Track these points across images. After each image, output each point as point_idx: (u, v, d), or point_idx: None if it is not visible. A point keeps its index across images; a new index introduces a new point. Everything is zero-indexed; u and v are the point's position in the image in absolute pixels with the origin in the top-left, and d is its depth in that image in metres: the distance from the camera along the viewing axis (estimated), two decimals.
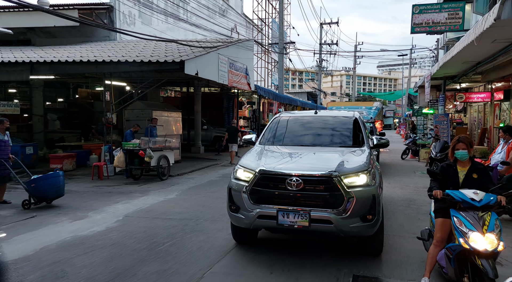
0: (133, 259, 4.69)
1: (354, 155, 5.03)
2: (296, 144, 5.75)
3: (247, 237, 5.21)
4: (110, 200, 8.02)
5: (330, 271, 4.33)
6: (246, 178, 4.67)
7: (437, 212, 3.96)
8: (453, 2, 12.84)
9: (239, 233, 5.12)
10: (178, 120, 15.01)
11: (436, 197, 3.79)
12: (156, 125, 12.29)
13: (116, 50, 13.66)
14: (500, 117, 14.28)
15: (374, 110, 20.85)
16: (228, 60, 14.46)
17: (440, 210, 3.91)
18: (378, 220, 4.46)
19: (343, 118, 6.21)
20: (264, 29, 33.64)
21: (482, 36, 7.50)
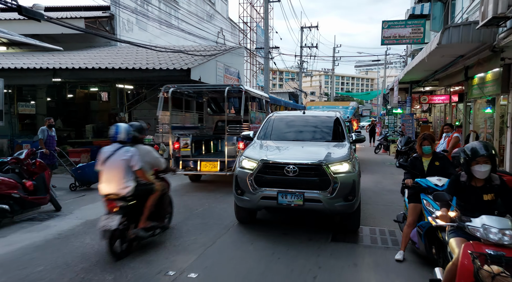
0: (182, 217, 6.65)
1: (337, 148, 6.14)
2: (289, 139, 6.87)
3: (248, 217, 6.25)
4: None
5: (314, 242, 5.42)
6: (250, 167, 5.69)
7: (410, 198, 4.82)
8: (416, 20, 15.20)
9: (241, 214, 6.21)
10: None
11: (408, 185, 4.73)
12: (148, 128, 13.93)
13: (124, 57, 15.41)
14: (457, 117, 16.75)
15: (350, 110, 23.14)
16: (224, 66, 16.43)
17: (412, 197, 4.77)
18: (357, 200, 5.59)
19: (326, 117, 7.59)
20: (249, 33, 35.56)
21: (431, 54, 9.76)
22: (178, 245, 5.22)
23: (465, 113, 15.28)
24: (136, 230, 4.79)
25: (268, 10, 26.52)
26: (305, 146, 6.39)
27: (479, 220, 3.04)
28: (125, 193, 4.67)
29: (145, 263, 4.54)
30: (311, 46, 46.50)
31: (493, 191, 3.34)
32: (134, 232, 4.76)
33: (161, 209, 5.36)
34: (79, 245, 5.20)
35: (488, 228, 2.93)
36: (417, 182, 4.60)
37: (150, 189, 5.03)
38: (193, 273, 4.26)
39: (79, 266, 4.43)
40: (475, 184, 3.39)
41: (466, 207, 3.39)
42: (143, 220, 4.89)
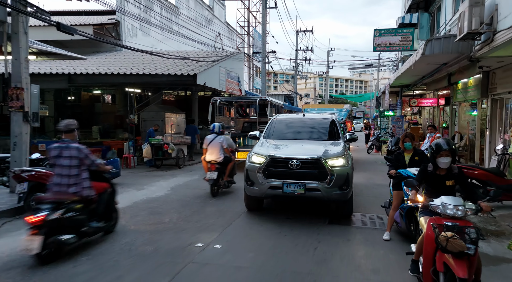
0: (197, 206, 7.64)
1: (333, 146, 7.03)
2: (291, 138, 7.72)
3: (256, 205, 7.17)
4: (152, 180, 10.84)
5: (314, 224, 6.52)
6: (259, 161, 6.57)
7: (394, 186, 5.67)
8: (405, 28, 16.32)
9: (250, 202, 7.10)
10: (183, 120, 17.81)
11: (391, 175, 5.63)
12: (157, 129, 14.83)
13: (132, 62, 16.37)
14: (444, 119, 17.90)
15: (344, 112, 24.26)
16: (226, 71, 17.43)
17: (395, 185, 5.61)
18: (351, 190, 6.50)
19: (323, 119, 8.58)
20: (246, 38, 36.60)
21: (417, 62, 10.84)
22: (200, 226, 6.21)
23: (451, 115, 16.43)
24: (223, 180, 8.80)
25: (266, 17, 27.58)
26: (305, 144, 7.28)
27: (439, 200, 3.75)
28: (219, 160, 8.63)
29: (176, 239, 5.52)
30: (306, 49, 47.63)
31: (453, 178, 4.03)
32: (223, 181, 8.82)
33: (233, 171, 9.29)
34: None
35: (446, 205, 3.64)
36: (399, 172, 5.42)
37: (230, 159, 9.00)
38: (217, 245, 5.26)
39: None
40: (439, 173, 4.06)
41: (432, 191, 4.05)
42: (226, 176, 8.92)
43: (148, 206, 7.64)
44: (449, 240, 3.29)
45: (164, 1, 25.67)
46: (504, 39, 7.24)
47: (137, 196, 8.57)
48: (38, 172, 6.78)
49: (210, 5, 33.59)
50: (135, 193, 8.89)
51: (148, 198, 8.36)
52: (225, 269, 4.50)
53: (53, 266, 4.43)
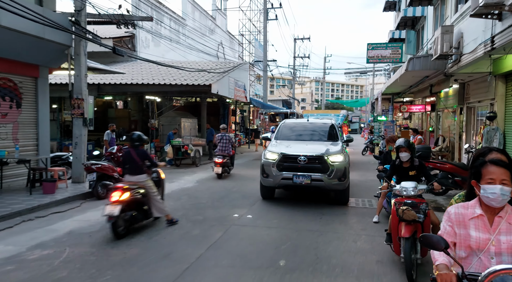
0: (225, 192, 9.53)
1: (333, 146, 8.60)
2: (298, 139, 9.23)
3: (269, 194, 8.75)
4: (178, 175, 12.69)
5: (318, 205, 9.19)
6: (273, 158, 8.14)
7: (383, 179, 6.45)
8: (395, 43, 18.36)
9: (265, 191, 8.67)
10: (196, 124, 19.73)
11: (379, 170, 6.73)
12: (176, 132, 16.72)
13: (151, 72, 18.26)
14: (430, 123, 19.90)
15: (341, 117, 26.38)
16: (234, 80, 19.37)
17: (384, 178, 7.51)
18: (347, 181, 8.05)
19: (324, 123, 10.24)
20: (247, 46, 38.64)
21: (402, 76, 12.83)
22: (232, 205, 8.11)
23: (436, 120, 18.43)
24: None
25: (267, 29, 29.62)
26: (310, 144, 8.82)
27: (399, 185, 4.85)
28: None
29: (217, 212, 7.41)
30: (304, 56, 49.70)
31: (414, 169, 5.22)
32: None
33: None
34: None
35: (403, 188, 4.73)
36: (385, 168, 6.62)
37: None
38: (249, 215, 7.18)
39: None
40: (404, 165, 5.24)
41: (400, 180, 5.10)
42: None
43: (184, 193, 9.52)
44: (404, 211, 4.35)
45: (172, 14, 27.63)
46: (468, 61, 9.22)
47: (172, 187, 10.43)
48: (102, 165, 8.66)
49: (213, 15, 35.59)
50: (170, 185, 10.74)
51: (182, 188, 10.24)
52: (259, 228, 6.42)
53: (131, 234, 6.30)
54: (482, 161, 2.23)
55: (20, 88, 9.23)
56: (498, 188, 2.09)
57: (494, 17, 7.40)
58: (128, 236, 5.81)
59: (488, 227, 2.16)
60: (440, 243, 1.99)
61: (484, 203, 2.20)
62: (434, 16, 14.23)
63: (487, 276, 1.79)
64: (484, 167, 2.19)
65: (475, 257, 2.15)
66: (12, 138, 9.07)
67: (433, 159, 11.48)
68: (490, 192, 2.10)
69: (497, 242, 2.11)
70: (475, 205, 2.24)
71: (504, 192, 2.08)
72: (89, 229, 6.20)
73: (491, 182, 2.12)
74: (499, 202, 2.11)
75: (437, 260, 2.14)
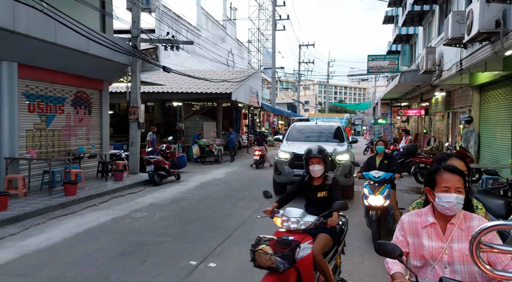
0: (251, 181, 11.89)
1: (340, 146, 9.40)
2: (307, 140, 10.02)
3: (281, 189, 9.56)
4: (207, 170, 15.06)
5: None
6: (285, 157, 9.08)
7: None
8: (392, 55, 20.73)
9: (278, 187, 9.54)
10: (215, 127, 22.13)
11: (358, 177, 6.17)
12: (201, 134, 19.06)
13: (176, 81, 20.69)
14: (424, 126, 22.23)
15: (344, 120, 28.84)
16: (249, 88, 21.78)
17: None
18: (352, 178, 8.79)
19: (331, 126, 11.23)
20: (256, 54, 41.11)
21: (396, 86, 15.18)
22: (260, 189, 10.47)
23: (428, 123, 20.76)
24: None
25: (275, 38, 32.01)
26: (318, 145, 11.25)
27: (282, 210, 3.39)
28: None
29: (251, 193, 9.76)
30: (308, 62, 52.09)
31: (326, 189, 3.65)
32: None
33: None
34: (206, 190, 10.45)
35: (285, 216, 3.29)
36: (362, 175, 6.02)
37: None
38: (274, 194, 9.53)
39: (214, 196, 9.70)
40: (314, 183, 3.73)
41: (306, 202, 3.77)
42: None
43: (220, 182, 11.90)
44: (255, 253, 2.89)
45: (189, 25, 30.13)
46: (447, 76, 11.56)
47: (208, 177, 12.83)
48: (158, 158, 11.06)
49: (223, 24, 38.09)
50: (204, 176, 13.16)
51: (215, 178, 12.63)
52: None
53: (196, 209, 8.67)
54: (436, 167, 2.14)
55: (90, 98, 11.66)
56: (453, 197, 2.01)
57: (461, 46, 9.76)
58: (193, 209, 8.20)
59: (441, 235, 2.08)
60: (394, 251, 1.92)
61: (437, 210, 2.12)
62: (423, 35, 16.60)
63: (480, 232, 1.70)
64: (439, 174, 2.10)
65: (429, 266, 2.07)
66: (86, 138, 11.49)
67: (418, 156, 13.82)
68: (446, 201, 2.03)
69: (449, 251, 2.03)
70: (427, 213, 2.17)
71: (459, 201, 2.02)
72: (163, 203, 8.58)
73: (446, 190, 2.04)
74: (454, 211, 2.04)
75: (391, 269, 2.08)
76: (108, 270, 4.59)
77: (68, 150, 10.70)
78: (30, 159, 8.81)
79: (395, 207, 6.02)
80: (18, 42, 8.11)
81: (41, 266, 4.73)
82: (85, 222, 6.87)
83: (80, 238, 5.89)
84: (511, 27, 7.05)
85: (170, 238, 5.91)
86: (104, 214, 7.43)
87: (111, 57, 10.70)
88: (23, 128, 9.19)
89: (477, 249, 1.72)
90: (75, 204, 8.18)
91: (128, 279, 4.36)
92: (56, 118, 10.34)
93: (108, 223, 6.81)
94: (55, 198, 8.25)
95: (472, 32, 7.68)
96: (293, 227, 3.21)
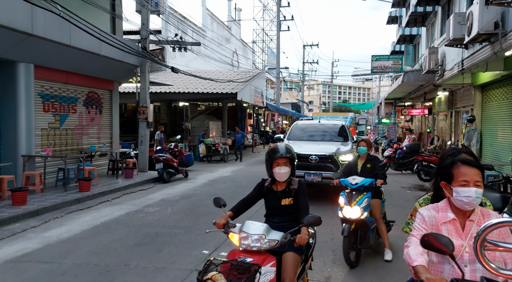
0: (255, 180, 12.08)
1: (343, 145, 8.92)
2: (310, 140, 9.64)
3: None
4: (214, 168, 15.39)
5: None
6: None
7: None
8: (396, 55, 20.94)
9: None
10: (220, 126, 22.46)
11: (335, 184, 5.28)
12: (206, 133, 19.37)
13: (183, 81, 21.04)
14: (428, 125, 22.42)
15: (349, 119, 29.06)
16: (254, 88, 22.09)
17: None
18: None
19: (335, 124, 10.79)
20: (260, 54, 41.44)
21: (400, 85, 15.42)
22: None
23: (432, 122, 20.96)
24: None
25: (279, 39, 32.29)
26: (321, 144, 9.15)
27: (239, 224, 2.87)
28: None
29: None
30: (312, 62, 52.35)
31: (291, 195, 3.10)
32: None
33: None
34: (214, 187, 10.76)
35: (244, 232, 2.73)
36: (339, 182, 5.14)
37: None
38: None
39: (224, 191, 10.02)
40: (276, 189, 3.17)
41: (267, 212, 3.23)
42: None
43: (227, 179, 12.21)
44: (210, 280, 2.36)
45: (194, 26, 30.48)
46: (449, 76, 11.81)
47: (214, 175, 13.15)
48: (166, 156, 11.39)
49: (228, 25, 38.43)
50: (211, 174, 13.48)
51: (222, 176, 12.94)
52: None
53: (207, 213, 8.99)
54: (452, 160, 2.03)
55: (101, 98, 12.01)
56: (473, 191, 1.92)
57: (462, 47, 10.02)
58: (202, 205, 8.52)
59: (460, 232, 1.98)
60: (449, 246, 1.76)
61: (454, 206, 2.03)
62: (426, 35, 16.83)
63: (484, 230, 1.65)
64: (455, 167, 2.00)
65: (447, 264, 1.97)
66: (97, 137, 11.85)
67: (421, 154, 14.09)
68: (464, 196, 1.93)
69: (470, 249, 1.91)
70: (446, 208, 2.06)
71: (478, 195, 1.93)
72: (173, 199, 8.91)
73: (464, 184, 1.95)
74: (473, 206, 1.95)
75: (414, 260, 1.88)
76: (127, 258, 4.91)
77: (80, 149, 11.06)
78: (46, 157, 9.16)
79: (379, 219, 5.04)
80: (35, 45, 8.46)
81: (65, 254, 5.05)
82: (101, 216, 7.20)
83: (98, 230, 6.22)
84: (509, 28, 7.31)
85: (183, 230, 6.23)
86: (118, 209, 7.77)
87: (121, 58, 11.05)
88: (38, 127, 9.55)
89: (482, 247, 1.68)
90: (89, 200, 8.52)
91: (146, 265, 4.68)
92: (69, 117, 10.70)
93: (123, 217, 7.14)
94: (70, 193, 8.60)
95: (472, 33, 7.94)
96: (255, 247, 2.67)
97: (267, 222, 3.10)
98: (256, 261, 2.56)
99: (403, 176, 13.36)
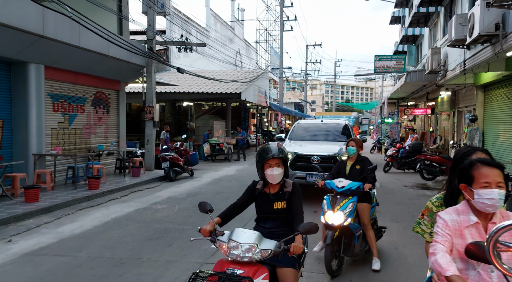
0: None
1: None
2: (312, 139, 9.47)
3: None
4: (218, 167, 15.58)
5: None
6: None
7: None
8: (399, 55, 21.08)
9: None
10: (224, 126, 22.66)
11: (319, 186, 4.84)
12: (210, 133, 19.57)
13: (187, 81, 21.25)
14: (430, 125, 22.55)
15: (352, 119, 29.20)
16: (258, 88, 22.27)
17: None
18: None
19: (338, 124, 10.61)
20: (263, 54, 41.62)
21: (402, 85, 15.56)
22: None
23: (435, 122, 21.08)
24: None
25: (283, 39, 32.47)
26: (323, 144, 8.94)
27: (228, 233, 2.59)
28: None
29: None
30: (315, 61, 52.48)
31: (284, 198, 2.88)
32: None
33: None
34: (220, 186, 10.95)
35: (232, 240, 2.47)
36: (324, 184, 4.79)
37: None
38: None
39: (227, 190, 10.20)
40: (269, 191, 2.94)
41: (258, 217, 2.99)
42: None
43: (232, 178, 12.41)
44: None
45: (198, 27, 30.70)
46: (451, 76, 11.95)
47: (219, 174, 13.34)
48: (173, 155, 11.60)
49: (231, 25, 38.64)
50: (216, 173, 13.68)
51: (227, 175, 13.13)
52: None
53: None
54: (471, 161, 1.96)
55: (108, 98, 12.24)
56: (496, 193, 1.85)
57: (464, 47, 10.16)
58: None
59: (484, 235, 1.90)
60: None
61: (475, 209, 1.95)
62: (429, 35, 16.97)
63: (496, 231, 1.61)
64: (475, 168, 1.92)
65: (472, 270, 1.88)
66: (104, 136, 12.07)
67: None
68: (487, 198, 1.86)
69: None
70: (468, 212, 1.97)
71: (501, 197, 1.86)
72: (180, 197, 9.11)
73: (486, 186, 1.87)
74: (496, 208, 1.88)
75: (447, 270, 1.77)
76: (139, 252, 5.11)
77: (89, 148, 11.28)
78: (56, 155, 9.38)
79: (367, 225, 4.69)
80: (46, 46, 8.68)
81: (79, 248, 5.26)
82: (111, 212, 7.42)
83: (109, 226, 6.43)
84: (510, 29, 7.46)
85: (191, 226, 6.42)
86: (127, 206, 7.98)
87: (128, 59, 11.26)
88: (48, 127, 9.78)
89: (494, 248, 1.65)
90: (99, 197, 8.74)
91: (158, 258, 4.88)
92: (78, 117, 10.92)
93: (132, 213, 7.35)
94: (80, 191, 8.83)
95: (474, 34, 8.09)
96: (246, 258, 2.42)
97: (258, 228, 2.92)
98: (247, 273, 2.35)
99: (406, 175, 13.53)
